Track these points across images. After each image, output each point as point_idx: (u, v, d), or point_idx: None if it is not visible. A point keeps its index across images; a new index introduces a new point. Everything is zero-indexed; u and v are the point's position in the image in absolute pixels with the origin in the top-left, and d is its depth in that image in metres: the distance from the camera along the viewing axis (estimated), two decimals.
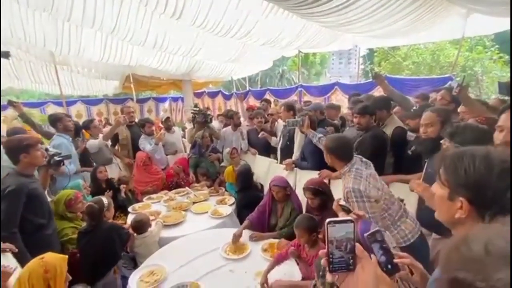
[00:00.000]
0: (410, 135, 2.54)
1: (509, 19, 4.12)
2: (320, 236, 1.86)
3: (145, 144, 3.92)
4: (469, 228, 0.71)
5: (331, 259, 0.61)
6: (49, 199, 2.34)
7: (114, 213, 2.93)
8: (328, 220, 0.60)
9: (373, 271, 0.60)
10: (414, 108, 2.43)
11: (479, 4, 3.32)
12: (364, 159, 1.85)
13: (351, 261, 0.60)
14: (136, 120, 4.49)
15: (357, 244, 0.61)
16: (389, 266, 0.79)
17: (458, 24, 4.85)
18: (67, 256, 1.53)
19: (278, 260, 1.95)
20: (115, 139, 4.13)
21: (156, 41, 5.03)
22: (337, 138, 1.86)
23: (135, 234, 2.43)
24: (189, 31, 5.05)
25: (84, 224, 2.36)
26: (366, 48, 16.80)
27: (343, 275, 0.61)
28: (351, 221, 0.60)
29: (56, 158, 2.25)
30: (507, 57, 11.55)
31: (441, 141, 1.69)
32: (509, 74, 11.49)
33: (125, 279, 2.17)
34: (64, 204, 2.35)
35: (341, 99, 6.59)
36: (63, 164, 2.36)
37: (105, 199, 2.34)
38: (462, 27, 4.81)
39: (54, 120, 3.26)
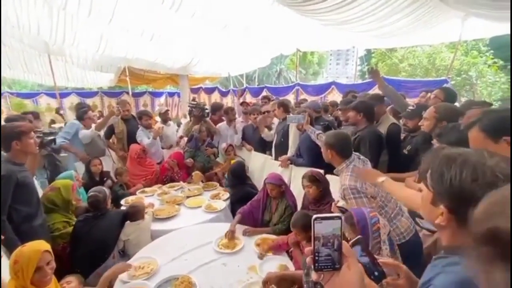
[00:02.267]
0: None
1: (506, 24, 4.20)
2: None
3: (143, 137, 3.88)
4: (450, 234, 0.69)
5: (316, 257, 0.58)
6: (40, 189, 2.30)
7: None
8: (314, 216, 0.57)
9: (359, 270, 0.58)
10: (411, 107, 2.42)
11: (478, 8, 3.35)
12: (361, 157, 1.87)
13: (337, 259, 0.58)
14: (134, 114, 4.44)
15: (344, 242, 0.58)
16: (376, 273, 0.77)
17: (455, 27, 4.90)
18: (44, 249, 1.47)
19: (277, 246, 2.01)
20: (110, 131, 4.07)
21: (154, 33, 4.97)
22: (337, 134, 1.87)
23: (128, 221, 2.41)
24: (187, 25, 5.00)
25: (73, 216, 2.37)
26: (364, 49, 16.88)
27: (328, 274, 0.59)
28: (338, 217, 0.57)
29: (47, 138, 2.23)
30: (502, 63, 11.73)
31: (431, 141, 1.71)
32: (502, 79, 11.69)
33: None
34: (71, 188, 2.41)
35: (337, 99, 6.59)
36: (55, 143, 2.38)
37: (105, 190, 2.38)
38: (459, 30, 4.86)
39: (83, 112, 3.79)
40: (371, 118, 2.51)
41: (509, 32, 4.94)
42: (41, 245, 1.49)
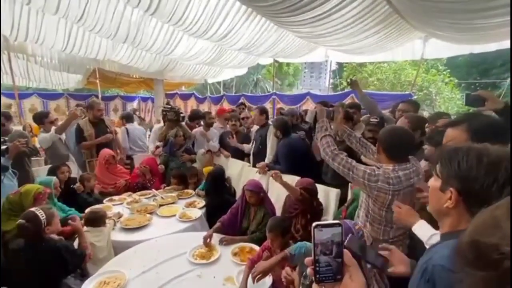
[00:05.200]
0: None
1: (463, 46, 4.68)
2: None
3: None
4: (455, 219, 0.73)
5: (317, 268, 0.56)
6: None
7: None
8: (315, 223, 0.56)
9: (362, 281, 0.56)
10: (373, 120, 2.54)
11: (440, 29, 3.68)
12: (419, 169, 1.55)
13: (339, 269, 0.56)
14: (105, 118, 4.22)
15: (345, 251, 0.57)
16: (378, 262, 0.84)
17: (418, 47, 5.39)
18: None
19: (252, 267, 1.89)
20: (79, 135, 3.76)
21: (128, 35, 4.77)
22: (393, 130, 1.58)
23: (86, 227, 2.23)
24: (164, 28, 4.90)
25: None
26: (336, 63, 17.78)
27: (329, 286, 0.57)
28: (338, 224, 0.56)
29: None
30: (456, 81, 13.03)
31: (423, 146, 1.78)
32: (457, 96, 12.93)
33: None
34: (33, 198, 2.09)
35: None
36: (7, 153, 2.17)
37: (41, 213, 1.85)
38: (421, 50, 5.34)
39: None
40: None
41: (463, 53, 5.54)
42: None
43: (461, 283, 0.40)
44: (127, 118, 4.84)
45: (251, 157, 3.56)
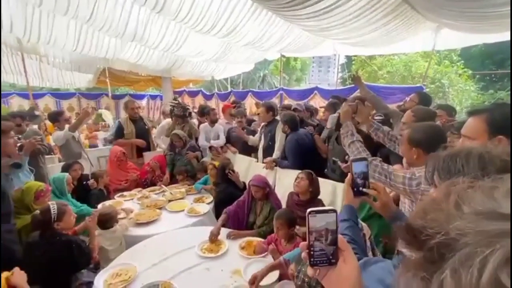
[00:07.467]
0: None
1: (476, 35, 4.51)
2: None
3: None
4: None
5: (312, 252, 0.56)
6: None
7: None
8: (309, 210, 0.56)
9: (356, 265, 0.56)
10: (375, 117, 2.47)
11: (451, 18, 3.56)
12: None
13: (333, 254, 0.57)
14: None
15: (340, 236, 0.57)
16: (360, 189, 0.94)
17: (429, 38, 5.22)
18: None
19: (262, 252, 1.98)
20: (119, 132, 4.00)
21: (136, 34, 4.85)
22: (427, 127, 1.46)
23: (98, 231, 2.28)
24: (171, 26, 4.94)
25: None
26: (345, 57, 17.47)
27: (324, 270, 0.57)
28: (333, 210, 0.56)
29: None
30: (471, 72, 12.57)
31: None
32: (472, 88, 12.50)
33: (89, 284, 1.94)
34: (33, 195, 2.17)
35: (320, 104, 6.76)
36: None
37: (53, 208, 1.90)
38: (433, 41, 5.17)
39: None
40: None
41: (477, 44, 5.34)
42: None
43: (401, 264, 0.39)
44: None
45: (259, 153, 3.55)
